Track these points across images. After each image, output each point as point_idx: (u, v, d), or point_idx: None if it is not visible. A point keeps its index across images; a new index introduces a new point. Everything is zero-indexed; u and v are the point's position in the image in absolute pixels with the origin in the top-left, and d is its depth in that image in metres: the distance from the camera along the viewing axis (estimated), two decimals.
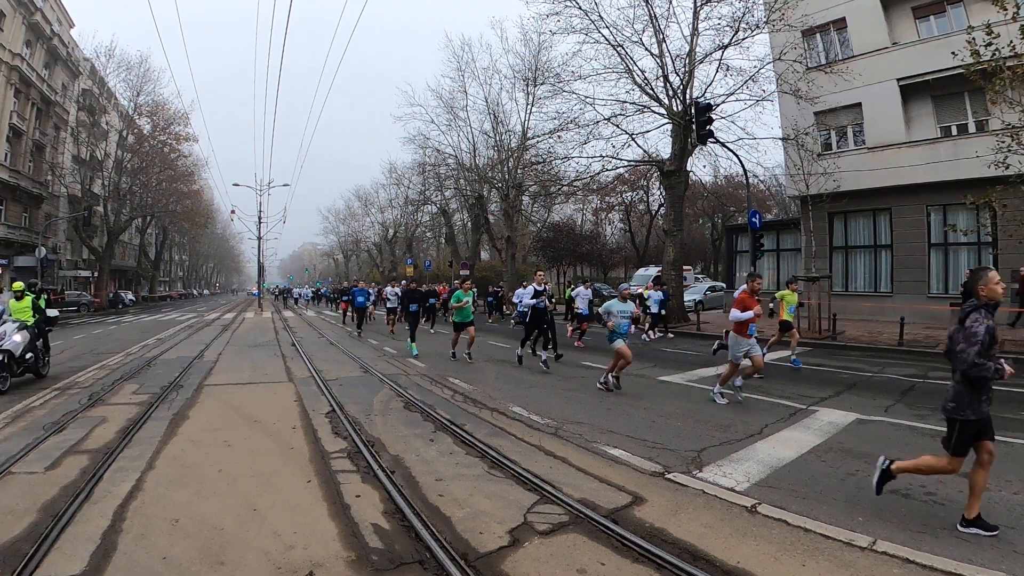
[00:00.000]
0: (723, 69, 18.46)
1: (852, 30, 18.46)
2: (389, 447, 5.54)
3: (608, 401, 7.63)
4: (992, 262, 15.90)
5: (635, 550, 3.35)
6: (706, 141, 16.56)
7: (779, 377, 9.25)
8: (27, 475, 4.81)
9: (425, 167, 36.78)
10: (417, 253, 53.78)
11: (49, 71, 36.44)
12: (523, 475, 4.63)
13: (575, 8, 19.15)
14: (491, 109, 30.83)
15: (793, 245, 22.05)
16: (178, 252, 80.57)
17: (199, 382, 9.32)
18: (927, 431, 5.86)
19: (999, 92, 11.13)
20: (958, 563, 3.14)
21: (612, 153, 20.90)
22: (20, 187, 33.26)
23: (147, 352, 13.61)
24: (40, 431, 6.19)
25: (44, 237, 33.32)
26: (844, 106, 18.44)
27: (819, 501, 4.11)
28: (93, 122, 39.67)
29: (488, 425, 6.41)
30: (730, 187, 38.12)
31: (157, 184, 40.83)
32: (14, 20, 31.24)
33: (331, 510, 4.02)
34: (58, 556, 3.35)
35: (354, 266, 76.61)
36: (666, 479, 4.62)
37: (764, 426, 6.16)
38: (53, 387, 8.94)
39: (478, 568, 3.19)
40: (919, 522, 3.73)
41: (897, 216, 18.06)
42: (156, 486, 4.53)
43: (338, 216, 70.62)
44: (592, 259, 43.32)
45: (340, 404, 7.42)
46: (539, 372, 10.18)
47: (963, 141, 16.07)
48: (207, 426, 6.48)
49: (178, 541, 3.55)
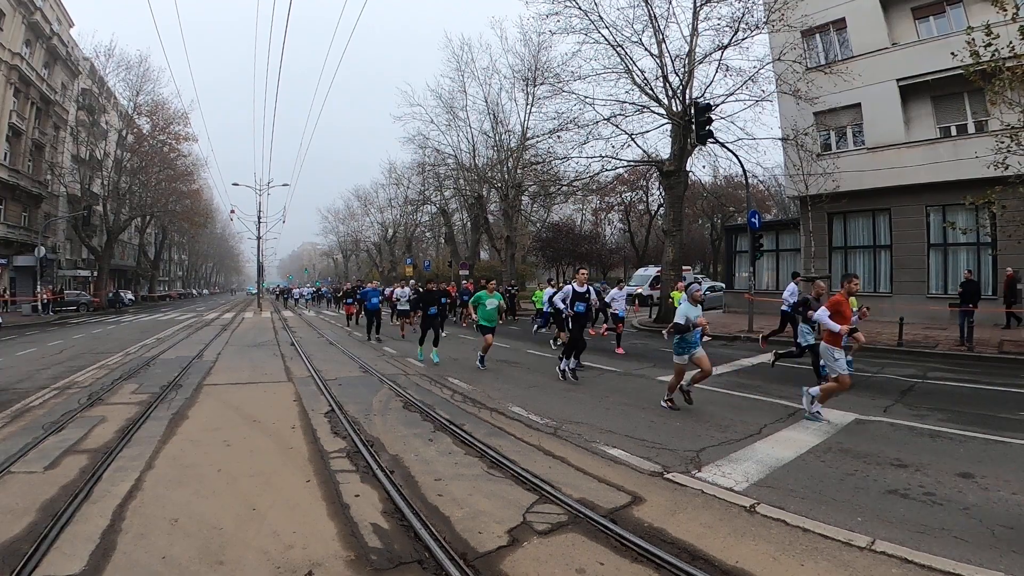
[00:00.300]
0: (723, 69, 18.48)
1: (852, 30, 18.46)
2: (388, 447, 5.54)
3: (607, 401, 7.63)
4: (991, 262, 15.94)
5: (634, 550, 3.35)
6: (705, 141, 16.57)
7: (778, 377, 9.25)
8: (26, 474, 4.81)
9: (424, 167, 36.79)
10: (416, 253, 53.78)
11: (49, 70, 36.41)
12: (522, 475, 4.63)
13: (575, 8, 19.14)
14: (491, 109, 30.88)
15: (792, 245, 22.05)
16: (177, 252, 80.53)
17: (198, 382, 9.32)
18: (926, 431, 5.87)
19: (998, 93, 11.13)
20: (956, 563, 3.14)
21: (611, 153, 20.90)
22: (19, 186, 33.24)
23: (146, 352, 13.61)
24: (39, 430, 6.19)
25: (43, 237, 33.30)
26: (844, 106, 18.44)
27: (818, 501, 4.11)
28: (92, 121, 39.63)
29: (487, 425, 6.41)
30: (729, 187, 38.12)
31: (156, 184, 40.79)
32: (14, 19, 31.22)
33: (330, 510, 4.03)
34: (57, 556, 3.35)
35: (353, 266, 76.63)
36: (665, 479, 4.62)
37: (763, 426, 6.16)
38: (52, 387, 8.93)
39: (477, 568, 3.20)
40: (918, 522, 3.73)
41: (896, 216, 18.07)
42: (155, 486, 4.53)
43: (337, 216, 70.68)
44: (592, 259, 43.33)
45: (339, 404, 7.41)
46: (538, 372, 10.18)
47: (962, 141, 16.08)
48: (206, 426, 6.48)
49: (177, 541, 3.55)
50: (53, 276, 35.64)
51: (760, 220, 17.59)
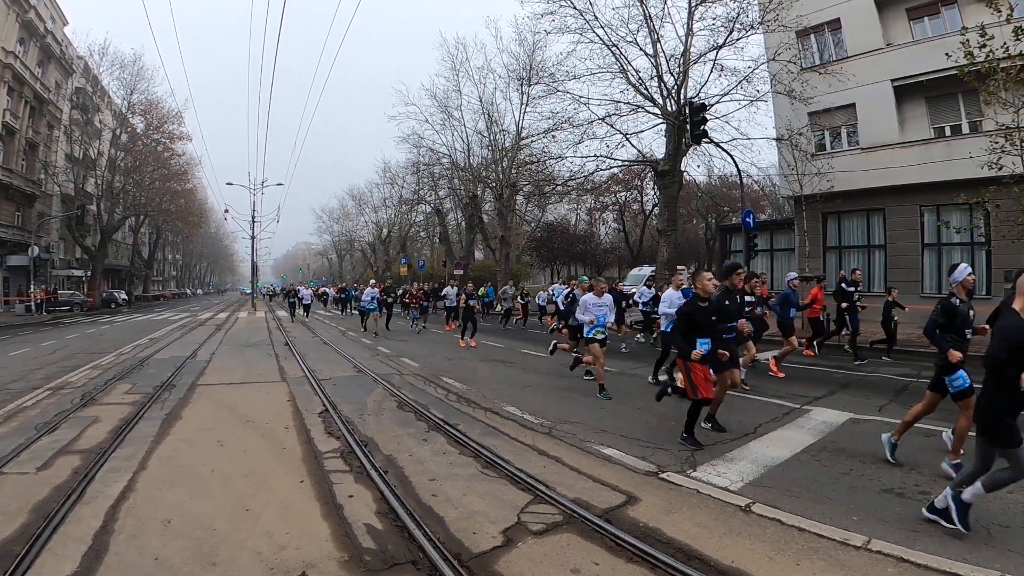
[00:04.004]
0: (717, 69, 18.51)
1: (846, 31, 18.49)
2: (382, 447, 5.52)
3: (602, 401, 7.62)
4: (985, 262, 16.00)
5: (629, 550, 3.35)
6: (700, 141, 16.57)
7: (773, 377, 9.26)
8: (19, 475, 4.77)
9: (419, 166, 36.75)
10: (411, 253, 53.68)
11: (42, 69, 36.20)
12: (517, 475, 4.62)
13: (570, 8, 19.13)
14: (485, 109, 30.89)
15: (787, 245, 22.08)
16: (171, 251, 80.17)
17: (192, 382, 9.27)
18: (920, 430, 5.87)
19: (993, 93, 11.19)
20: (953, 562, 3.15)
21: (606, 153, 20.84)
22: (13, 186, 33.02)
23: (140, 352, 13.53)
24: (32, 431, 6.14)
25: (37, 236, 33.08)
26: (838, 106, 18.46)
27: (813, 500, 4.11)
28: (86, 120, 39.40)
29: (482, 425, 6.40)
30: (724, 187, 38.15)
31: (151, 183, 40.63)
32: (7, 18, 31.01)
33: (324, 510, 4.01)
34: (49, 557, 3.33)
35: (348, 265, 76.46)
36: (660, 479, 4.61)
37: (758, 425, 6.16)
38: (45, 387, 8.87)
39: (471, 568, 3.18)
40: (914, 521, 3.74)
41: (891, 216, 18.11)
42: (148, 486, 4.50)
43: (332, 215, 70.59)
44: (586, 259, 43.35)
45: (333, 404, 7.39)
46: (532, 372, 10.17)
47: (956, 142, 16.13)
48: (200, 426, 6.44)
49: (170, 542, 3.53)
50: (47, 276, 35.44)
51: (755, 220, 17.61)
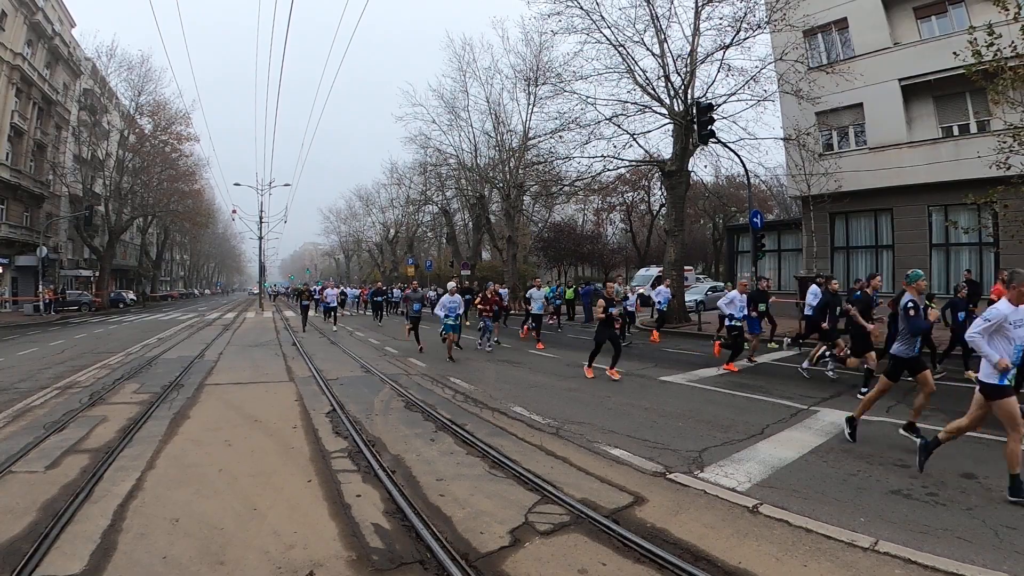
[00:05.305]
0: (724, 69, 18.41)
1: (853, 30, 18.41)
2: (390, 447, 5.54)
3: (610, 402, 7.62)
4: (993, 262, 15.89)
5: (636, 550, 3.34)
6: (707, 141, 16.55)
7: (780, 377, 9.23)
8: (27, 474, 4.81)
9: (426, 167, 36.81)
10: (418, 253, 53.77)
11: (50, 71, 36.44)
12: (524, 475, 4.62)
13: (576, 8, 19.11)
14: (492, 109, 30.83)
15: (794, 245, 22.00)
16: (179, 252, 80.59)
17: (200, 381, 9.32)
18: (929, 431, 5.83)
19: (1001, 92, 11.11)
20: (960, 563, 3.13)
21: (613, 153, 20.81)
22: (21, 186, 33.26)
23: (148, 351, 13.62)
24: (40, 430, 6.19)
25: (45, 237, 33.36)
26: (845, 106, 18.39)
27: (821, 501, 4.10)
28: (94, 122, 39.69)
29: (489, 425, 6.40)
30: (731, 187, 38.04)
31: (158, 184, 40.84)
32: (15, 20, 31.24)
33: (331, 510, 4.02)
34: (58, 555, 3.35)
35: (355, 266, 76.65)
36: (667, 479, 4.61)
37: (765, 426, 6.14)
38: (54, 386, 8.94)
39: (479, 568, 3.19)
40: (921, 523, 3.72)
41: (898, 216, 18.02)
42: (156, 485, 4.53)
43: (339, 216, 70.67)
44: (593, 259, 43.29)
45: (341, 404, 7.41)
46: (540, 372, 10.16)
47: (964, 141, 16.03)
48: (208, 425, 6.48)
49: (178, 540, 3.55)
50: (55, 276, 35.68)
51: (762, 220, 17.56)
